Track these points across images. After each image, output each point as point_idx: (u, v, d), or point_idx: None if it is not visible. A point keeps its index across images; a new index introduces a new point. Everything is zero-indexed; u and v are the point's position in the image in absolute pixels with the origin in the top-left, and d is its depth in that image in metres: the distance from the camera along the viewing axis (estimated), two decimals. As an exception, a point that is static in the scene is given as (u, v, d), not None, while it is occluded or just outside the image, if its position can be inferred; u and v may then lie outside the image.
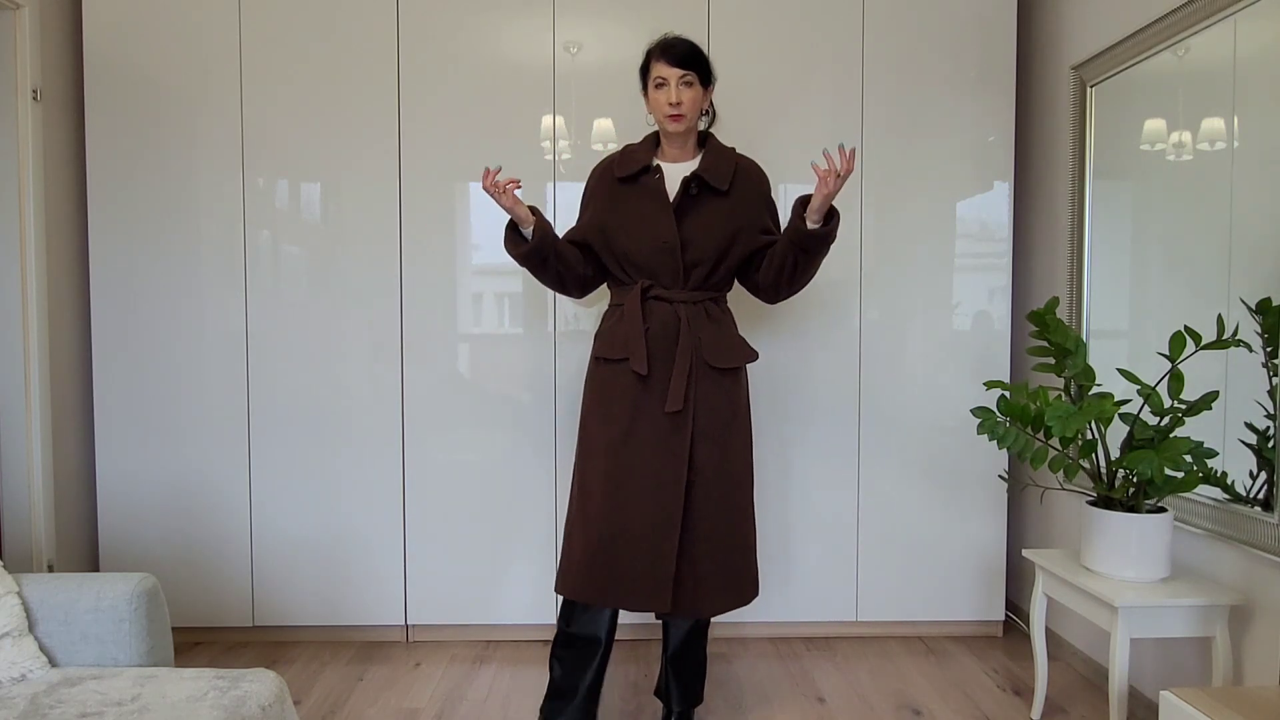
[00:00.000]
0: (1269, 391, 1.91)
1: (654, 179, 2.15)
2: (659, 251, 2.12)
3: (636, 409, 2.10)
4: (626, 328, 2.12)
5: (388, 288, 2.87)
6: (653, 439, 2.09)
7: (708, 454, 2.11)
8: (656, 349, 2.10)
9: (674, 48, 2.11)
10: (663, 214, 2.12)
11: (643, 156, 2.19)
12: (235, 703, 1.56)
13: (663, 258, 2.12)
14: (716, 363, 2.12)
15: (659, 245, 2.12)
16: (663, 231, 2.11)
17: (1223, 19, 2.05)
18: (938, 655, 2.87)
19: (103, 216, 2.84)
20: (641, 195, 2.15)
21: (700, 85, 2.13)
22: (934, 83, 2.89)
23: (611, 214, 2.18)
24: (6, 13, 2.58)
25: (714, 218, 2.13)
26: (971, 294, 2.93)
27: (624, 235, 2.15)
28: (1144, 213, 2.40)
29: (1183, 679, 2.21)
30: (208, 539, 2.89)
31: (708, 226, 2.12)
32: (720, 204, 2.14)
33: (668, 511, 2.07)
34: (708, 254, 2.13)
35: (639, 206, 2.15)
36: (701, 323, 2.13)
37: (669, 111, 2.10)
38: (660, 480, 2.07)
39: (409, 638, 2.96)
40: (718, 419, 2.13)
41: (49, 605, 1.75)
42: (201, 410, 2.87)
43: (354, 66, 2.84)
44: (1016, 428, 2.19)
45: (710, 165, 2.14)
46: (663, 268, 2.13)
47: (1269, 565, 1.94)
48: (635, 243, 2.14)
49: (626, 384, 2.12)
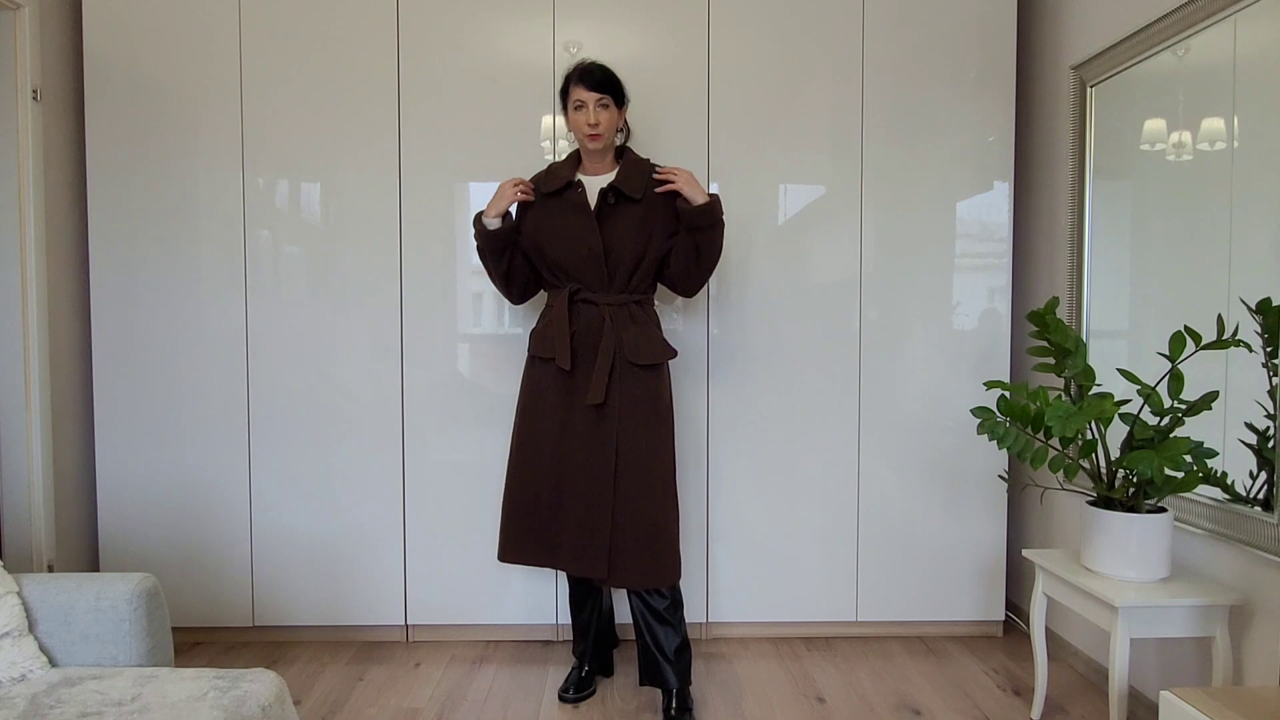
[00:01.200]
0: (1269, 391, 1.91)
1: (576, 193, 2.38)
2: (585, 258, 2.35)
3: (567, 401, 2.37)
4: (554, 328, 2.37)
5: (388, 288, 2.88)
6: (582, 428, 2.34)
7: (630, 442, 2.33)
8: (582, 347, 2.36)
9: (590, 74, 2.33)
10: (586, 224, 2.35)
11: (566, 173, 2.42)
12: (235, 703, 1.56)
13: (589, 264, 2.35)
14: (637, 359, 2.34)
15: (585, 253, 2.35)
16: (587, 239, 2.34)
17: (1223, 19, 2.05)
18: (938, 655, 2.87)
19: (103, 216, 2.84)
20: (566, 208, 2.38)
21: (615, 106, 2.35)
22: (934, 83, 2.89)
23: (541, 226, 2.41)
24: (6, 13, 2.58)
25: (630, 224, 2.35)
26: (971, 294, 2.93)
27: (554, 245, 2.39)
28: (1144, 213, 2.40)
29: (1183, 679, 2.21)
30: (208, 539, 2.89)
31: (625, 232, 2.35)
32: (635, 211, 2.36)
33: (600, 490, 2.32)
34: (627, 258, 2.35)
35: (565, 218, 2.38)
36: (625, 323, 2.36)
37: (588, 131, 2.33)
38: (591, 463, 2.33)
39: (409, 638, 2.96)
40: (639, 411, 2.35)
41: (49, 605, 1.75)
42: (201, 410, 2.87)
43: (354, 66, 2.84)
44: (1016, 428, 2.19)
45: (625, 177, 2.37)
46: (589, 273, 2.36)
47: (1269, 565, 1.94)
48: (564, 251, 2.37)
49: (556, 379, 2.38)
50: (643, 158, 2.44)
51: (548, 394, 2.40)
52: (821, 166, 2.90)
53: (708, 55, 2.86)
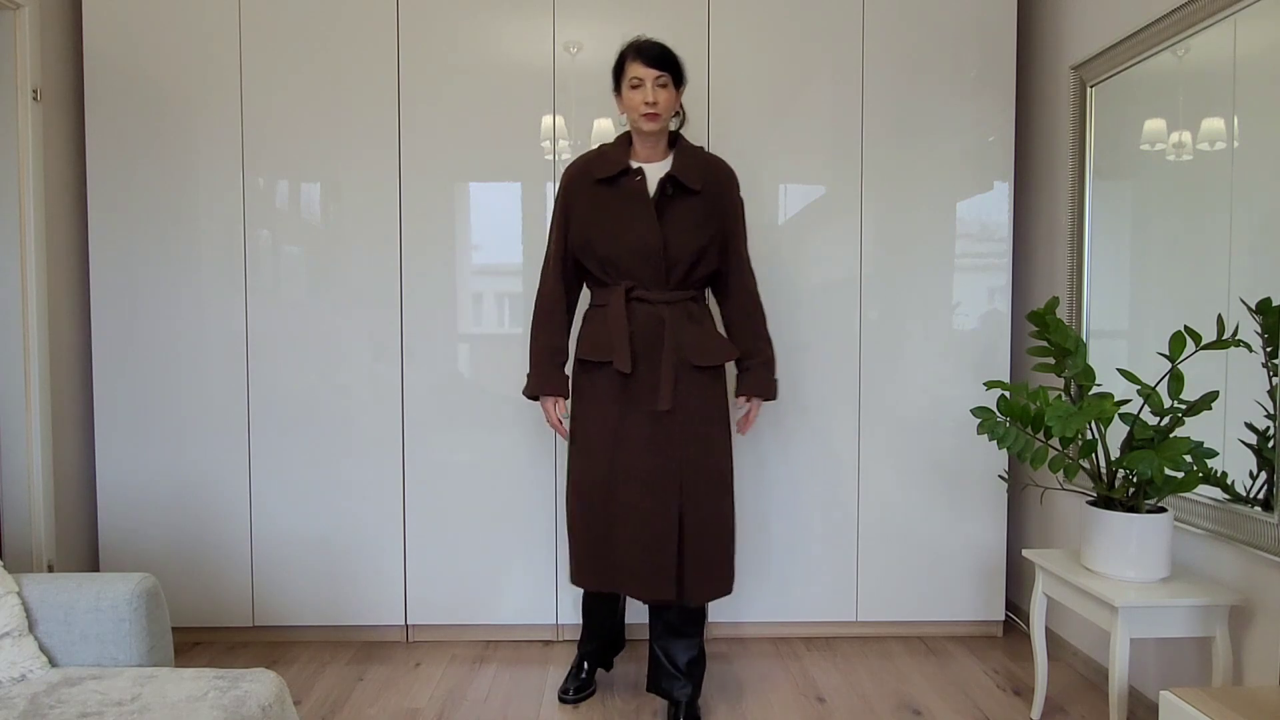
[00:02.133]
0: (1269, 391, 1.91)
1: (635, 181, 2.19)
2: (641, 253, 2.16)
3: (625, 409, 2.18)
4: (610, 329, 2.17)
5: (388, 288, 2.87)
6: (643, 437, 2.16)
7: (694, 451, 2.18)
8: (641, 349, 2.17)
9: (649, 49, 2.15)
10: (645, 216, 2.16)
11: (620, 158, 2.22)
12: (235, 703, 1.56)
13: (645, 259, 2.17)
14: (700, 361, 2.18)
15: (642, 247, 2.16)
16: (646, 233, 2.16)
17: (1223, 19, 2.05)
18: (938, 655, 2.87)
19: (103, 216, 2.84)
20: (621, 197, 2.19)
21: (674, 86, 2.17)
22: (934, 83, 2.89)
23: (592, 217, 2.21)
24: (6, 13, 2.58)
25: (689, 217, 2.19)
26: (971, 294, 2.93)
27: (607, 238, 2.19)
28: (1144, 213, 2.40)
29: (1183, 679, 2.21)
30: (208, 539, 2.89)
31: (684, 226, 2.18)
32: (694, 203, 2.19)
33: (664, 507, 2.15)
34: (686, 253, 2.18)
35: (620, 209, 2.19)
36: (683, 323, 2.19)
37: (644, 110, 2.14)
38: (654, 478, 2.15)
39: (409, 638, 2.96)
40: (701, 416, 2.20)
41: (49, 605, 1.75)
42: (201, 410, 2.87)
43: (354, 66, 2.84)
44: (1016, 428, 2.18)
45: (682, 166, 2.20)
46: (645, 269, 2.18)
47: (1269, 565, 1.94)
48: (618, 245, 2.18)
49: (614, 385, 2.19)
50: (694, 145, 2.30)
51: (601, 400, 2.22)
52: (821, 166, 2.90)
53: (708, 55, 2.86)
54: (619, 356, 2.14)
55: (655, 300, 2.19)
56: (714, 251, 2.24)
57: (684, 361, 2.17)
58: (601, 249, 2.20)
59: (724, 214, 2.25)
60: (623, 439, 2.18)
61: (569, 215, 2.27)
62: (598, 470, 2.21)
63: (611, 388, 2.19)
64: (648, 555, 2.15)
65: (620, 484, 2.18)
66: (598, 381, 2.22)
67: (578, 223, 2.24)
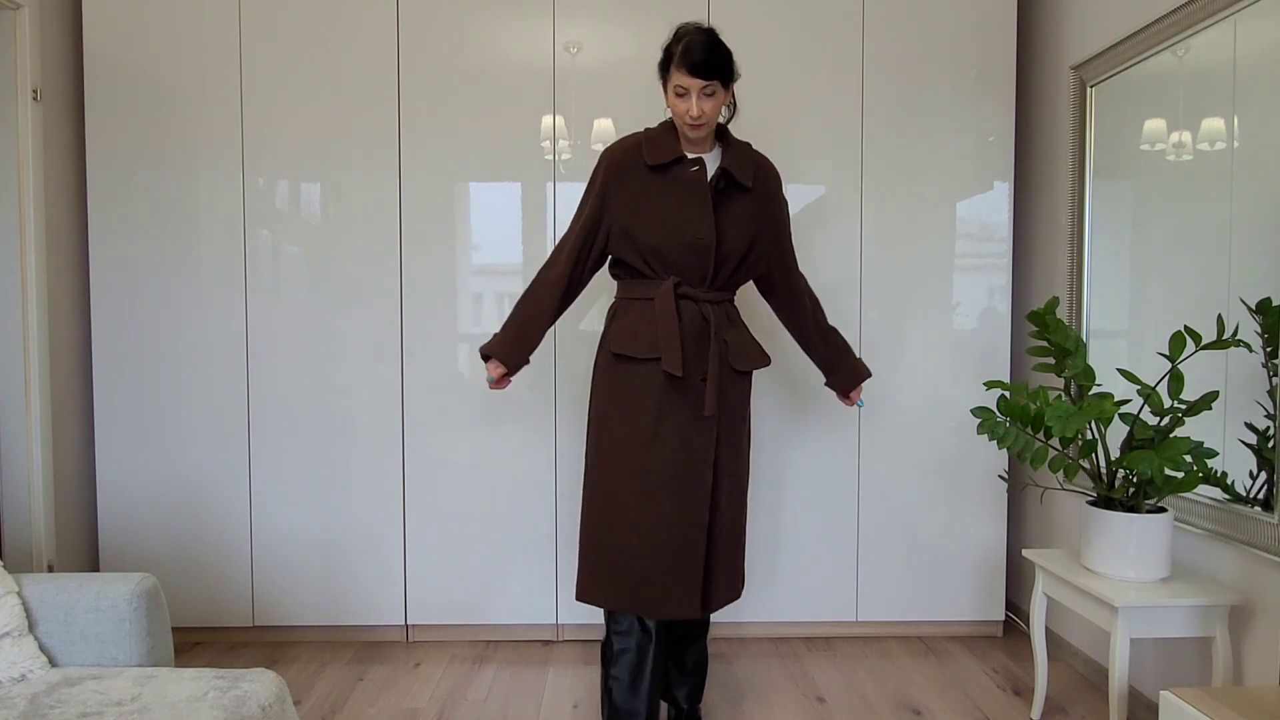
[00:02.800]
0: (1269, 391, 1.91)
1: (692, 171, 2.05)
2: (694, 248, 2.03)
3: (663, 410, 2.03)
4: (659, 326, 2.01)
5: (388, 288, 2.87)
6: (679, 442, 2.03)
7: (726, 457, 2.09)
8: (689, 349, 2.03)
9: (695, 57, 1.96)
10: (702, 209, 2.03)
11: (671, 145, 2.07)
12: (235, 703, 1.56)
13: (695, 255, 2.04)
14: (739, 365, 2.10)
15: (693, 241, 2.03)
16: (700, 227, 2.03)
17: (1223, 19, 2.05)
18: (938, 655, 2.87)
19: (103, 216, 2.84)
20: (676, 187, 2.05)
21: (723, 89, 2.02)
22: (934, 83, 2.89)
23: (641, 204, 2.06)
24: (6, 13, 2.58)
25: (741, 215, 2.08)
26: (971, 294, 2.93)
27: (655, 228, 2.04)
28: (1144, 213, 2.40)
29: (1183, 679, 2.21)
30: (208, 539, 2.89)
31: (737, 224, 2.07)
32: (745, 200, 2.10)
33: (695, 516, 2.04)
34: (737, 252, 2.08)
35: (674, 198, 2.04)
36: (724, 324, 2.10)
37: (689, 122, 2.01)
38: (688, 484, 2.03)
39: (409, 638, 2.96)
40: (733, 421, 2.11)
41: (49, 605, 1.75)
42: (201, 410, 2.87)
43: (354, 66, 2.84)
44: (1016, 428, 2.18)
45: (734, 161, 2.08)
46: (693, 264, 2.04)
47: (1269, 565, 1.94)
48: (667, 237, 2.03)
49: (652, 384, 2.03)
50: (743, 141, 2.18)
51: (638, 400, 2.04)
52: (821, 166, 2.90)
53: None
54: (670, 357, 1.98)
55: (699, 299, 2.06)
56: (759, 252, 2.14)
57: (725, 364, 2.07)
58: (648, 238, 2.04)
59: (774, 214, 2.16)
60: (659, 442, 2.03)
61: (608, 199, 2.09)
62: (629, 474, 2.04)
63: (651, 388, 2.03)
64: (677, 568, 2.02)
65: (653, 490, 2.02)
66: (635, 380, 2.05)
67: (621, 209, 2.07)
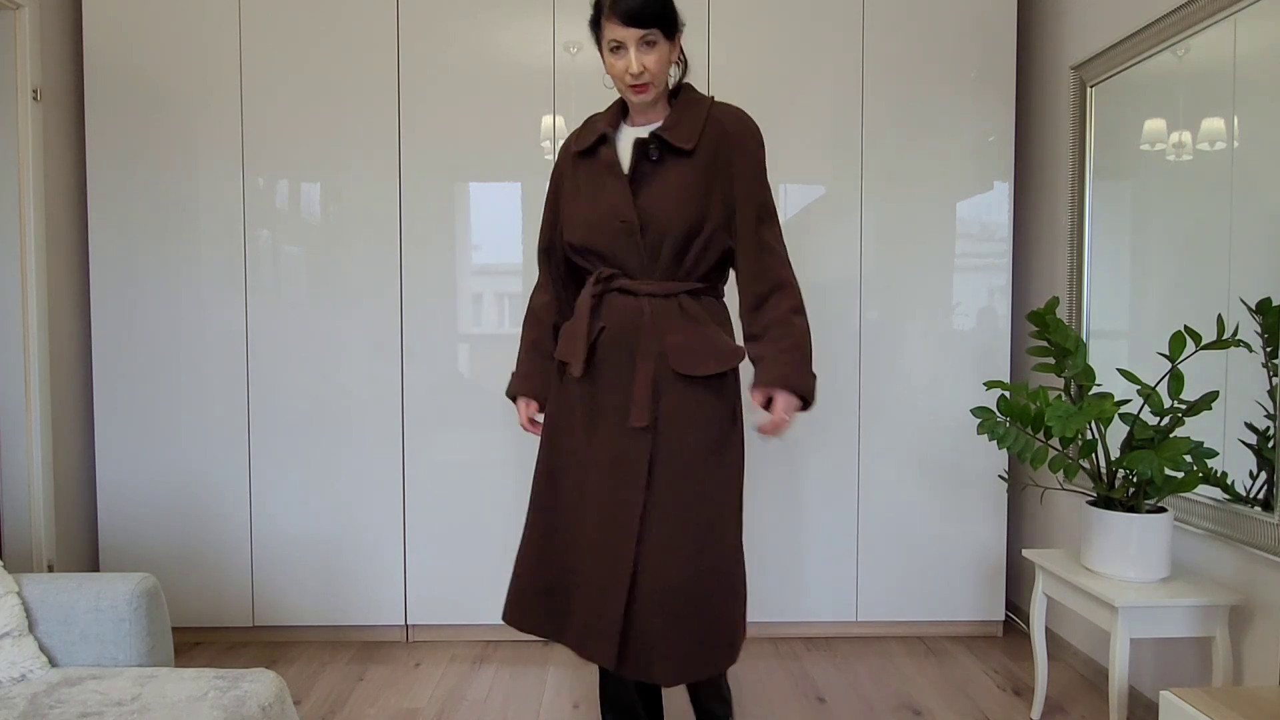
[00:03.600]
0: (1269, 391, 1.91)
1: (605, 149, 1.83)
2: (614, 232, 1.79)
3: (593, 422, 1.81)
4: (573, 324, 1.85)
5: (388, 288, 2.87)
6: (609, 458, 1.77)
7: (672, 482, 1.75)
8: (614, 351, 1.80)
9: (627, 2, 1.70)
10: (616, 187, 1.79)
11: (602, 125, 1.86)
12: (235, 703, 1.56)
13: (623, 240, 1.79)
14: (682, 368, 1.76)
15: (616, 225, 1.79)
16: (618, 207, 1.78)
17: (1223, 19, 2.05)
18: (938, 655, 2.87)
19: (103, 216, 2.84)
20: (596, 170, 1.84)
21: (665, 39, 1.75)
22: (934, 83, 2.89)
23: (570, 197, 1.89)
24: (6, 13, 2.58)
25: (678, 184, 1.77)
26: (971, 294, 2.93)
27: (579, 220, 1.85)
28: (1144, 213, 2.40)
29: (1183, 679, 2.21)
30: (208, 539, 2.89)
31: (670, 196, 1.77)
32: (685, 167, 1.78)
33: (616, 547, 1.74)
34: (672, 230, 1.77)
35: (594, 183, 1.83)
36: (671, 320, 1.78)
37: (630, 82, 1.75)
38: (613, 508, 1.75)
39: (409, 638, 2.96)
40: (688, 437, 1.76)
41: (49, 605, 1.75)
42: (201, 410, 2.87)
43: (354, 66, 2.84)
44: (1016, 428, 2.18)
45: (674, 121, 1.80)
46: (625, 253, 1.80)
47: (1269, 565, 1.94)
48: (592, 226, 1.82)
49: (581, 392, 1.82)
50: (704, 96, 1.88)
51: (569, 410, 1.86)
52: (821, 166, 2.90)
53: (708, 55, 2.86)
54: (574, 359, 1.80)
55: (638, 292, 1.80)
56: (717, 228, 1.80)
57: (666, 369, 1.77)
58: (576, 233, 1.85)
59: (729, 178, 1.80)
60: (587, 457, 1.81)
61: (559, 199, 1.94)
62: (554, 490, 1.86)
63: (580, 395, 1.83)
64: (589, 604, 1.76)
65: (575, 510, 1.82)
66: (567, 387, 1.87)
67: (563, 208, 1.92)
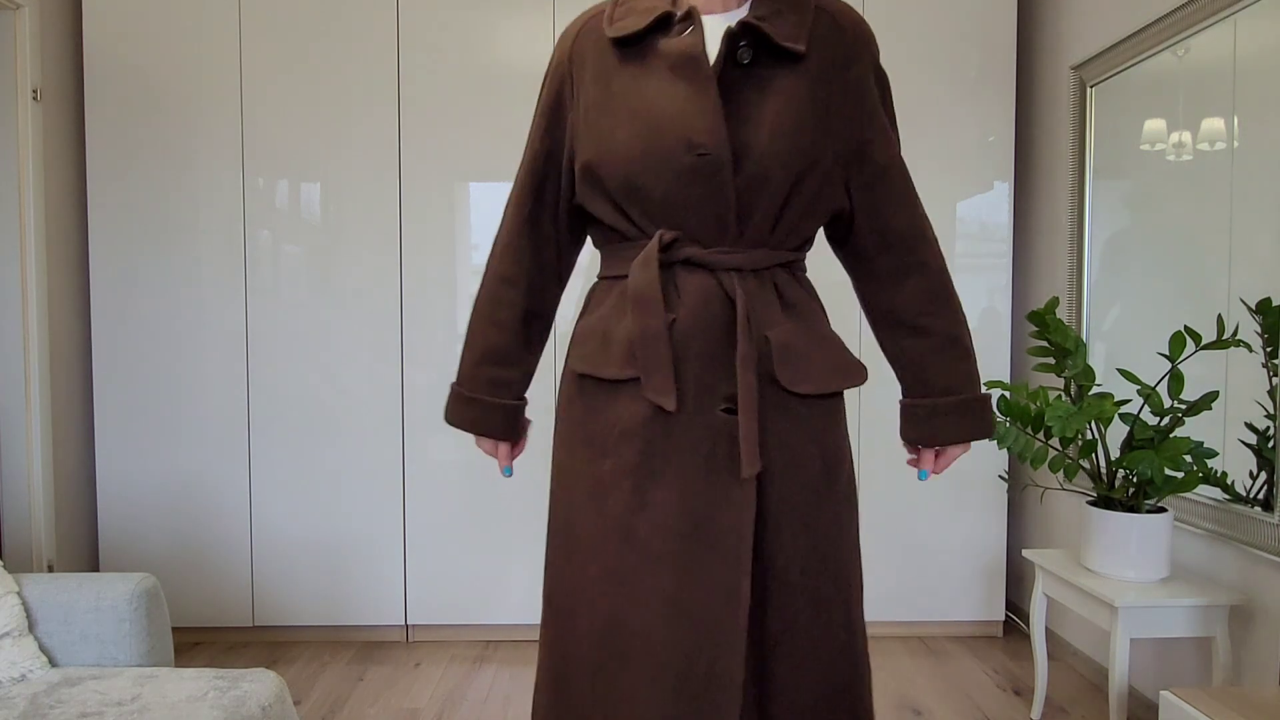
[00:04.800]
0: (1269, 391, 1.91)
1: (682, 34, 1.15)
2: (692, 171, 1.11)
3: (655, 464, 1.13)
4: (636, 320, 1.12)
5: (388, 288, 2.87)
6: (688, 517, 1.12)
7: (791, 544, 1.15)
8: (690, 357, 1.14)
9: None
10: (694, 96, 1.12)
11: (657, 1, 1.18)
12: (235, 703, 1.56)
13: (699, 183, 1.12)
14: (795, 384, 1.15)
15: (689, 158, 1.11)
16: (695, 128, 1.11)
17: (1223, 19, 2.05)
18: (938, 655, 2.87)
19: (103, 216, 2.84)
20: (657, 67, 1.15)
21: None
22: (934, 82, 2.89)
23: (598, 109, 1.17)
24: (6, 13, 2.58)
25: (785, 105, 1.13)
26: (971, 294, 2.93)
27: (623, 142, 1.14)
28: (1144, 213, 2.40)
29: (1183, 679, 2.21)
30: (208, 539, 2.89)
31: (776, 121, 1.13)
32: (791, 78, 1.14)
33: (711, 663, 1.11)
34: (776, 171, 1.13)
35: (655, 89, 1.14)
36: (771, 310, 1.17)
37: None
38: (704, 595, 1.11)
39: (409, 638, 2.96)
40: (805, 482, 1.16)
41: (49, 605, 1.75)
42: (201, 410, 2.87)
43: (354, 66, 2.84)
44: (1016, 428, 2.18)
45: (770, 10, 1.16)
46: (698, 203, 1.13)
47: (1269, 565, 1.94)
48: (646, 154, 1.13)
49: (634, 421, 1.14)
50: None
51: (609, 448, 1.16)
52: (821, 166, 2.90)
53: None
54: (653, 376, 1.11)
55: (716, 265, 1.15)
56: (830, 171, 1.18)
57: (771, 383, 1.15)
58: (614, 162, 1.15)
59: (856, 97, 1.19)
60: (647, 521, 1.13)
61: (562, 110, 1.23)
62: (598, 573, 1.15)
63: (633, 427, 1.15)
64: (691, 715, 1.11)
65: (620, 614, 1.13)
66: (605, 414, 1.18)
67: (578, 123, 1.20)
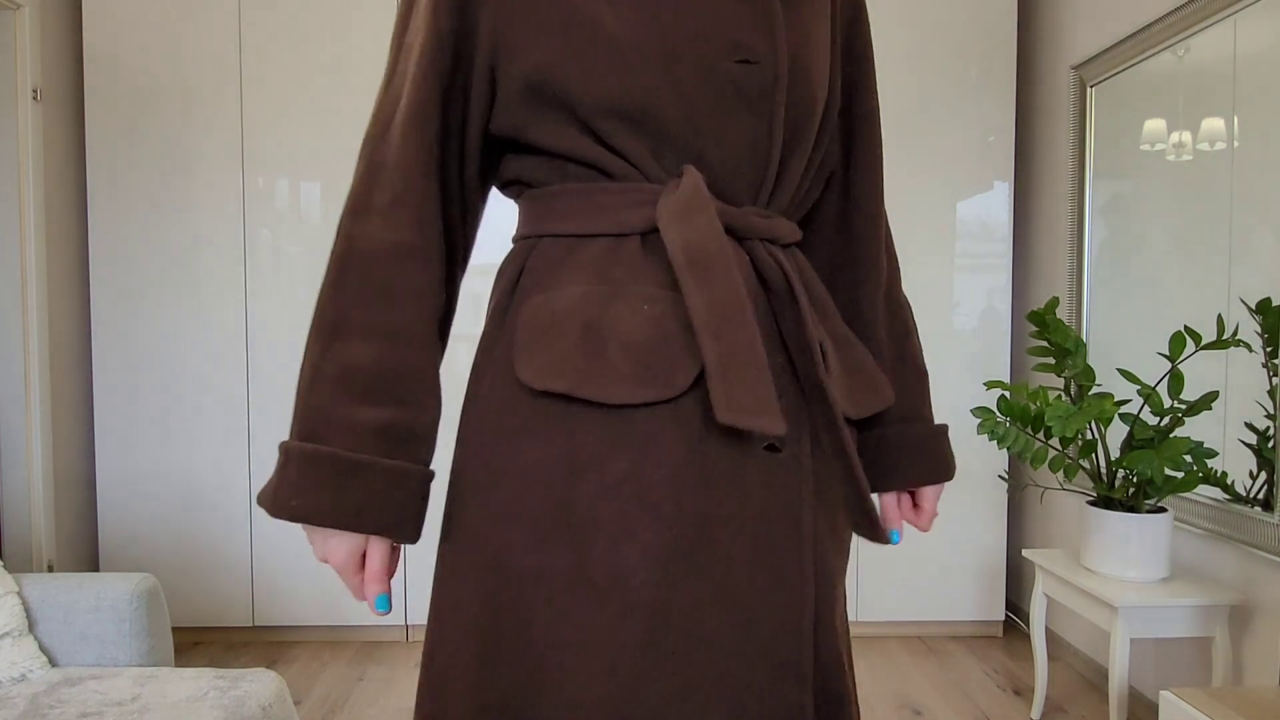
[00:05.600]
0: (1269, 391, 1.91)
1: None
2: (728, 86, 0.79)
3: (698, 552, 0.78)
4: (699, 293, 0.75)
5: (388, 288, 2.87)
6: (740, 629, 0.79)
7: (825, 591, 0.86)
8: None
9: None
10: None
11: None
12: (235, 703, 1.56)
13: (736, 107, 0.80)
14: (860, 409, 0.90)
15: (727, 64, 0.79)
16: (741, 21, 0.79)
17: (1223, 19, 2.05)
18: (938, 655, 2.87)
19: (103, 216, 2.84)
20: None
21: None
22: (934, 82, 2.89)
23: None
24: (6, 13, 2.58)
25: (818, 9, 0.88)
26: (971, 294, 2.93)
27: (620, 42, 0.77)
28: (1144, 213, 2.40)
29: (1183, 679, 2.21)
30: (208, 539, 2.89)
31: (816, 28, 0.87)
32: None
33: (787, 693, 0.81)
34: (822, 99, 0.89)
35: None
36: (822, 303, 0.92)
37: None
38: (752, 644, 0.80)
39: (409, 638, 2.96)
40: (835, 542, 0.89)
41: (49, 605, 1.75)
42: (201, 410, 2.87)
43: (354, 66, 2.84)
44: (1016, 428, 2.18)
45: None
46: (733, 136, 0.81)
47: (1269, 565, 1.94)
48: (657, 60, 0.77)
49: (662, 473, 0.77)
50: None
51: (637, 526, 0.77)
52: (821, 166, 2.90)
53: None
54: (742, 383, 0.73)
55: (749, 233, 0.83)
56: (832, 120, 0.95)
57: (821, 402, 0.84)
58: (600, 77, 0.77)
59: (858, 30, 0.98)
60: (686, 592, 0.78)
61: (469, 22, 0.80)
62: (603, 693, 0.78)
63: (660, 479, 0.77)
64: None
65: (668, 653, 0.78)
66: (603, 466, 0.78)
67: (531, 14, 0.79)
